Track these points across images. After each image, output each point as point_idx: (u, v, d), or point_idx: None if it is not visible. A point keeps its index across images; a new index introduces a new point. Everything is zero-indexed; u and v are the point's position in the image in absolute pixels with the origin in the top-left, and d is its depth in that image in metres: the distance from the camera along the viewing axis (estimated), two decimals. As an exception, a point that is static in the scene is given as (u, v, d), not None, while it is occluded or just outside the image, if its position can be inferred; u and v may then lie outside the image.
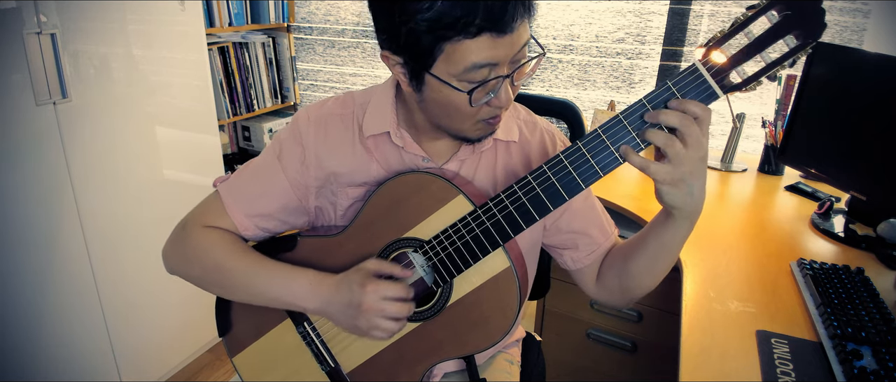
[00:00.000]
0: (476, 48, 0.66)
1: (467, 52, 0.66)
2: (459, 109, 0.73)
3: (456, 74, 0.69)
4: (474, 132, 0.79)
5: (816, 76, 1.40)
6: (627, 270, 0.84)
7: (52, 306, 1.54)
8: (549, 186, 0.73)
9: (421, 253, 0.81)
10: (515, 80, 0.73)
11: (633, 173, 1.69)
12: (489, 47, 0.66)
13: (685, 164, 0.67)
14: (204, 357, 2.10)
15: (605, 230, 0.92)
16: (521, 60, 0.71)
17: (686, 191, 0.69)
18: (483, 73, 0.69)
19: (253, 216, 0.88)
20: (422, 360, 0.85)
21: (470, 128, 0.77)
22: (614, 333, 1.60)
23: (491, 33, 0.65)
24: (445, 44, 0.67)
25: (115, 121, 1.63)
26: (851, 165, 1.32)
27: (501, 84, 0.71)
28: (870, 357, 0.80)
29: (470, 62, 0.67)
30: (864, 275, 1.02)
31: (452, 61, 0.68)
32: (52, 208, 1.50)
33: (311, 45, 2.56)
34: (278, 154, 0.88)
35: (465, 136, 0.80)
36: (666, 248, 0.78)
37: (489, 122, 0.77)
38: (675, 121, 0.66)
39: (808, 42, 0.63)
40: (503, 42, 0.66)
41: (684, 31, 1.91)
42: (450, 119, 0.77)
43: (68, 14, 1.46)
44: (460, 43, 0.66)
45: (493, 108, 0.74)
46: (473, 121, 0.76)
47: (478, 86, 0.69)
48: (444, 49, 0.67)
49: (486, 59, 0.67)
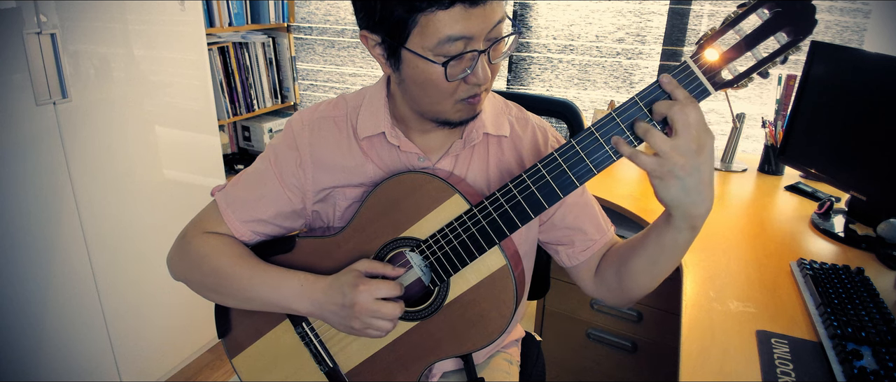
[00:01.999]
0: (449, 20, 0.66)
1: (440, 24, 0.67)
2: (437, 86, 0.73)
3: (430, 48, 0.69)
4: (455, 114, 0.78)
5: (816, 76, 1.40)
6: (627, 269, 0.82)
7: (52, 306, 1.54)
8: (543, 184, 0.73)
9: (418, 252, 0.81)
10: (492, 59, 0.73)
11: (632, 173, 1.68)
12: (462, 18, 0.66)
13: (672, 156, 0.64)
14: (204, 357, 2.10)
15: (601, 227, 0.91)
16: (497, 37, 0.71)
17: (678, 186, 0.65)
18: (458, 47, 0.69)
19: (248, 221, 0.89)
20: (420, 359, 0.85)
21: (450, 108, 0.77)
22: (614, 333, 1.60)
23: (463, 4, 0.66)
24: (419, 15, 0.67)
25: (115, 121, 1.63)
26: (851, 165, 1.31)
27: (477, 59, 0.71)
28: (870, 357, 0.80)
29: (444, 34, 0.67)
30: (864, 275, 1.02)
31: (426, 33, 0.68)
32: (52, 208, 1.50)
33: (311, 45, 2.56)
34: (273, 160, 0.88)
35: (446, 119, 0.79)
36: (665, 251, 0.75)
37: (469, 102, 0.76)
38: (664, 110, 0.65)
39: (800, 39, 0.63)
40: (476, 13, 0.67)
41: (684, 30, 1.90)
42: (429, 99, 0.76)
43: (68, 14, 1.46)
44: (434, 14, 0.66)
45: (471, 86, 0.74)
46: (452, 100, 0.76)
47: (453, 58, 0.70)
48: (418, 21, 0.68)
49: (459, 31, 0.67)
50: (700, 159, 0.64)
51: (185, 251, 0.89)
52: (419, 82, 0.74)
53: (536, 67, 2.17)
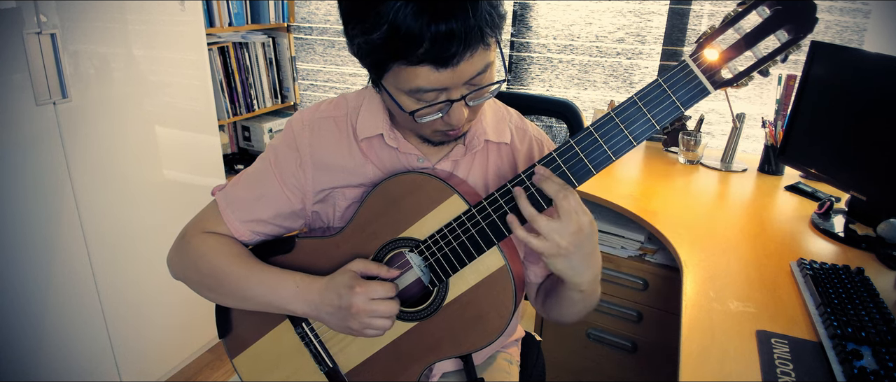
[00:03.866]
0: (421, 74, 0.67)
1: (412, 76, 0.67)
2: (410, 120, 0.74)
3: (404, 91, 0.70)
4: (434, 137, 0.80)
5: (816, 76, 1.40)
6: (548, 303, 0.91)
7: (52, 306, 1.54)
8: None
9: (417, 252, 0.81)
10: (470, 103, 0.72)
11: (632, 173, 1.68)
12: (433, 75, 0.66)
13: (558, 238, 0.69)
14: (204, 357, 2.10)
15: None
16: (478, 85, 0.71)
17: (564, 262, 0.72)
18: (431, 96, 0.70)
19: (247, 221, 0.89)
20: (419, 359, 0.85)
21: (428, 134, 0.79)
22: (614, 333, 1.59)
23: (432, 65, 0.65)
24: (392, 64, 0.67)
25: (115, 121, 1.63)
26: (851, 165, 1.31)
27: (451, 106, 0.71)
28: (870, 357, 0.80)
29: (415, 85, 0.68)
30: (864, 275, 1.01)
31: (401, 80, 0.69)
32: (52, 208, 1.50)
33: (311, 45, 2.56)
34: (273, 161, 0.88)
35: (426, 139, 0.82)
36: (566, 301, 0.83)
37: (447, 133, 0.78)
38: (552, 191, 0.69)
39: (800, 37, 0.62)
40: (447, 72, 0.66)
41: (684, 30, 1.90)
42: (407, 124, 0.79)
43: (68, 14, 1.46)
44: (405, 67, 0.66)
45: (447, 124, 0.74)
46: (430, 129, 0.77)
47: (425, 106, 0.70)
48: (392, 68, 0.68)
49: (431, 84, 0.67)
50: (581, 237, 0.70)
51: (185, 251, 0.89)
52: (397, 111, 0.75)
53: (536, 67, 2.17)
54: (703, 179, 1.64)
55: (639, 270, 1.50)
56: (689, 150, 1.75)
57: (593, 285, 0.78)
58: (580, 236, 0.70)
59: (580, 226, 0.69)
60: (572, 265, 0.72)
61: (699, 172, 1.70)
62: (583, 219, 0.69)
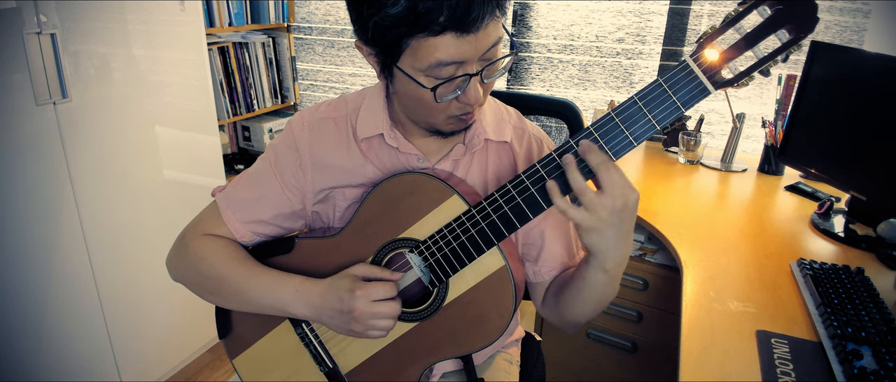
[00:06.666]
0: (441, 45, 0.66)
1: (432, 49, 0.66)
2: (427, 104, 0.73)
3: (422, 69, 0.69)
4: (446, 126, 0.79)
5: (816, 76, 1.40)
6: (563, 296, 0.86)
7: (52, 306, 1.54)
8: (543, 185, 0.72)
9: (417, 252, 0.80)
10: (485, 79, 0.73)
11: (633, 173, 1.68)
12: (454, 45, 0.66)
13: (599, 211, 0.67)
14: (204, 357, 2.10)
15: (571, 250, 0.92)
16: (491, 59, 0.71)
17: (598, 238, 0.70)
18: (449, 70, 0.69)
19: (248, 222, 0.89)
20: (419, 360, 0.85)
21: (441, 121, 0.78)
22: (614, 333, 1.59)
23: (455, 32, 0.65)
24: (411, 39, 0.67)
25: (115, 121, 1.63)
26: (851, 165, 1.31)
27: (469, 81, 0.70)
28: (870, 357, 0.80)
29: (435, 59, 0.67)
30: (864, 275, 1.01)
31: (418, 56, 0.68)
32: (52, 208, 1.50)
33: (311, 45, 2.56)
34: (273, 161, 0.88)
35: (437, 130, 0.80)
36: (587, 286, 0.79)
37: (461, 118, 0.77)
38: (595, 162, 0.67)
39: (801, 36, 0.62)
40: (468, 40, 0.66)
41: (684, 30, 1.90)
42: (420, 112, 0.77)
43: (68, 14, 1.46)
44: (425, 39, 0.66)
45: (463, 104, 0.74)
46: (444, 115, 0.76)
47: (444, 82, 0.70)
48: (410, 44, 0.67)
49: (451, 57, 0.67)
50: (625, 214, 0.68)
51: (184, 253, 0.89)
52: (410, 97, 0.75)
53: (536, 67, 2.17)
54: (703, 179, 1.64)
55: (639, 270, 1.50)
56: (689, 150, 1.75)
57: (619, 268, 0.75)
58: (625, 213, 0.68)
59: (626, 203, 0.67)
60: (606, 239, 0.70)
61: (699, 172, 1.70)
62: (630, 196, 0.67)
